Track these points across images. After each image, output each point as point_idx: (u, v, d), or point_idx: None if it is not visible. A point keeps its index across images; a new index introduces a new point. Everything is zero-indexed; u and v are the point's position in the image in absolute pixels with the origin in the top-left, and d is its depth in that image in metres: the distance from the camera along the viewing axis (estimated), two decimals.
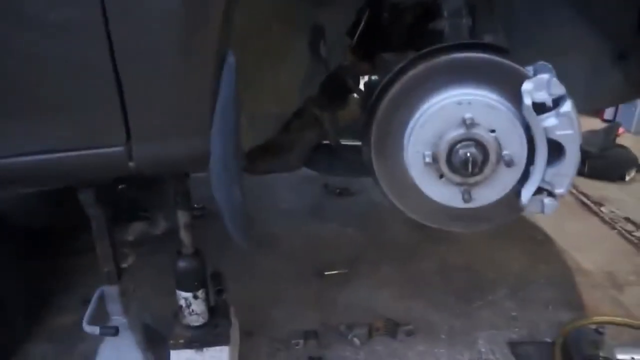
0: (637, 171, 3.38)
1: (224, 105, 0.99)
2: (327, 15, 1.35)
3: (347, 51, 1.63)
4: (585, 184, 3.21)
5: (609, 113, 4.36)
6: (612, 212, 2.92)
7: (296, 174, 1.91)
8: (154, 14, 0.92)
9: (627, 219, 2.82)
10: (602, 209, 2.96)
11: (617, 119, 4.14)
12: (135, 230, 2.71)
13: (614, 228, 2.74)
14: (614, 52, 1.53)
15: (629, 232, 2.68)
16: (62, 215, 2.36)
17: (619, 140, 3.58)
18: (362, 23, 1.53)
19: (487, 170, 1.16)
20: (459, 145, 1.14)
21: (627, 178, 3.32)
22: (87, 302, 1.55)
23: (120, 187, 1.67)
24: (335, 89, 1.63)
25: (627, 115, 4.17)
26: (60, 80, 0.97)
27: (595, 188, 3.20)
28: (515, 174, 1.17)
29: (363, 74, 1.73)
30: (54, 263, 2.42)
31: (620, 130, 3.72)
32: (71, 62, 0.95)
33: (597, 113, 4.35)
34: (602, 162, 3.31)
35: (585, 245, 2.56)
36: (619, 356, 1.69)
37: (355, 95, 1.74)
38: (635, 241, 2.60)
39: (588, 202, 3.04)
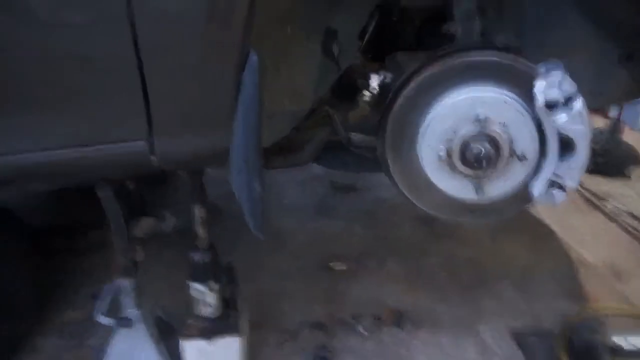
0: None
1: (247, 102, 1.00)
2: (340, 19, 1.37)
3: (357, 52, 1.66)
4: (590, 180, 3.22)
5: (613, 110, 4.36)
6: (616, 207, 2.93)
7: (303, 171, 1.92)
8: (178, 8, 0.93)
9: (631, 214, 2.83)
10: (606, 204, 2.97)
11: (622, 117, 4.14)
12: (144, 226, 2.72)
13: (617, 222, 2.76)
14: (620, 53, 1.54)
15: (632, 227, 2.70)
16: (71, 212, 2.39)
17: (623, 137, 3.59)
18: (372, 26, 1.55)
19: (499, 164, 1.19)
20: (472, 141, 1.17)
21: (631, 175, 3.34)
22: (96, 297, 1.57)
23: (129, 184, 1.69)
24: (346, 88, 1.65)
25: (631, 112, 4.16)
26: (85, 75, 0.97)
27: (599, 184, 3.21)
28: (526, 168, 1.20)
29: (372, 74, 1.75)
30: (63, 259, 2.42)
31: (625, 127, 3.73)
32: (95, 57, 0.95)
33: (601, 110, 4.35)
34: (606, 158, 3.32)
35: (589, 240, 2.59)
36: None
37: (364, 94, 1.76)
38: (638, 235, 2.62)
39: (592, 197, 3.05)
